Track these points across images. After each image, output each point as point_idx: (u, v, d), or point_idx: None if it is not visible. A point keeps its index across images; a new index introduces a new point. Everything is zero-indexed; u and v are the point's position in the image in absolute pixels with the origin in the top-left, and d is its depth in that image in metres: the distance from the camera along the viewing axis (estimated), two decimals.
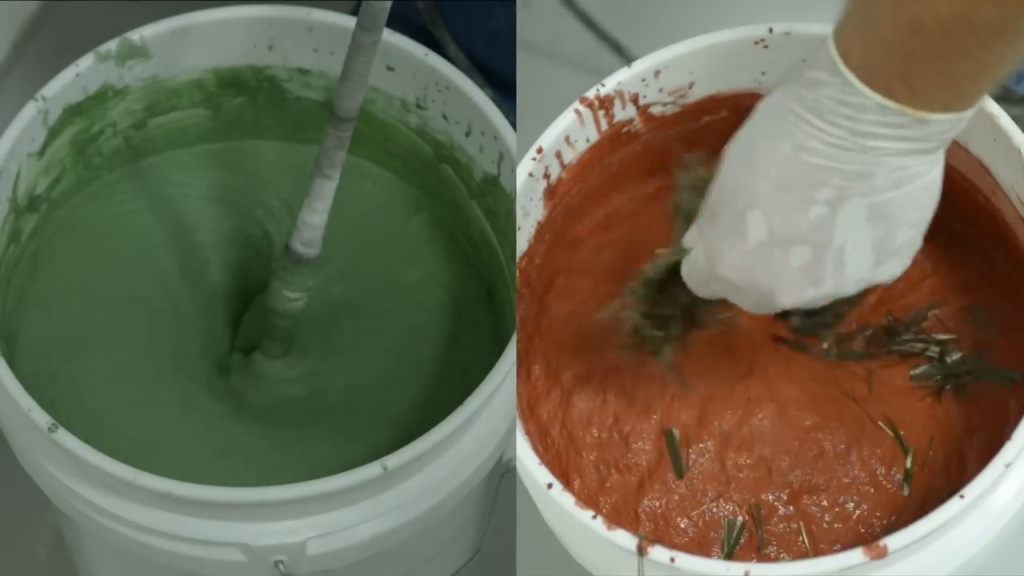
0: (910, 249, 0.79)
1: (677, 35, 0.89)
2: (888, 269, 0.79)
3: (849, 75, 0.73)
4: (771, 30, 0.88)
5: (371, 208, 1.02)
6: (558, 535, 0.86)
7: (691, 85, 0.90)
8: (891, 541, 0.77)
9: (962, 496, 0.77)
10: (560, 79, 1.23)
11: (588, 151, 0.91)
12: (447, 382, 0.96)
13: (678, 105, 0.91)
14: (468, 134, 0.97)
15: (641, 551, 0.78)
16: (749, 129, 0.78)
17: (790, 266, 0.78)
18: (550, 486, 0.80)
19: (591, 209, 0.94)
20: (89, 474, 0.87)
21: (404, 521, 0.88)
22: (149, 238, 1.00)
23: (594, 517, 0.79)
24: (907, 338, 0.90)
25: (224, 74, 1.00)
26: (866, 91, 0.73)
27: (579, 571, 0.86)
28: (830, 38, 0.74)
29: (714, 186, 0.79)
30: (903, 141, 0.74)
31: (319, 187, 0.88)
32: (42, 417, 0.85)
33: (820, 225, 0.76)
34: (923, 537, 0.77)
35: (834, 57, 0.73)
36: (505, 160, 0.95)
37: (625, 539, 0.79)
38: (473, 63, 1.16)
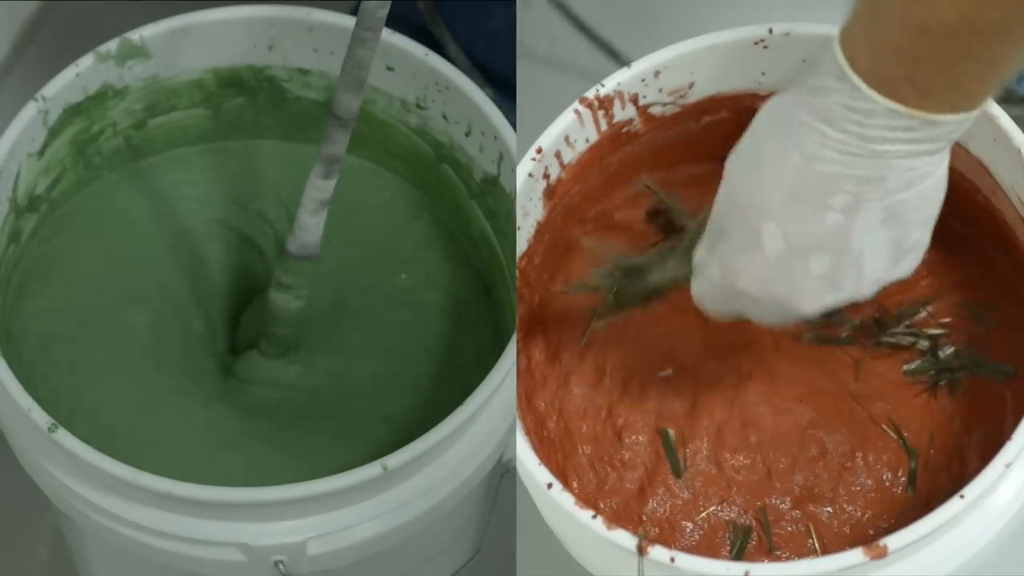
0: (922, 245, 0.79)
1: (677, 36, 0.89)
2: (903, 267, 0.79)
3: (857, 80, 0.73)
4: (771, 30, 0.88)
5: (371, 208, 1.02)
6: (558, 535, 0.86)
7: (691, 85, 0.90)
8: (891, 541, 0.77)
9: (962, 496, 0.77)
10: (560, 78, 1.23)
11: (588, 151, 0.91)
12: (447, 382, 0.96)
13: (678, 105, 0.91)
14: (468, 134, 0.97)
15: (641, 551, 0.78)
16: (753, 139, 0.78)
17: (810, 275, 0.77)
18: (550, 486, 0.80)
19: (591, 209, 0.94)
20: (89, 474, 0.87)
21: (404, 521, 0.88)
22: (149, 238, 1.00)
23: (594, 517, 0.79)
24: (896, 331, 0.90)
25: (224, 74, 1.00)
26: (875, 96, 0.72)
27: (579, 571, 0.86)
28: (836, 43, 0.74)
29: (720, 200, 0.79)
30: (913, 143, 0.74)
31: (318, 187, 0.88)
32: (42, 417, 0.85)
33: (837, 232, 0.76)
34: (923, 537, 0.77)
35: (841, 62, 0.73)
36: (505, 160, 0.95)
37: (625, 539, 0.79)
38: (473, 63, 1.16)
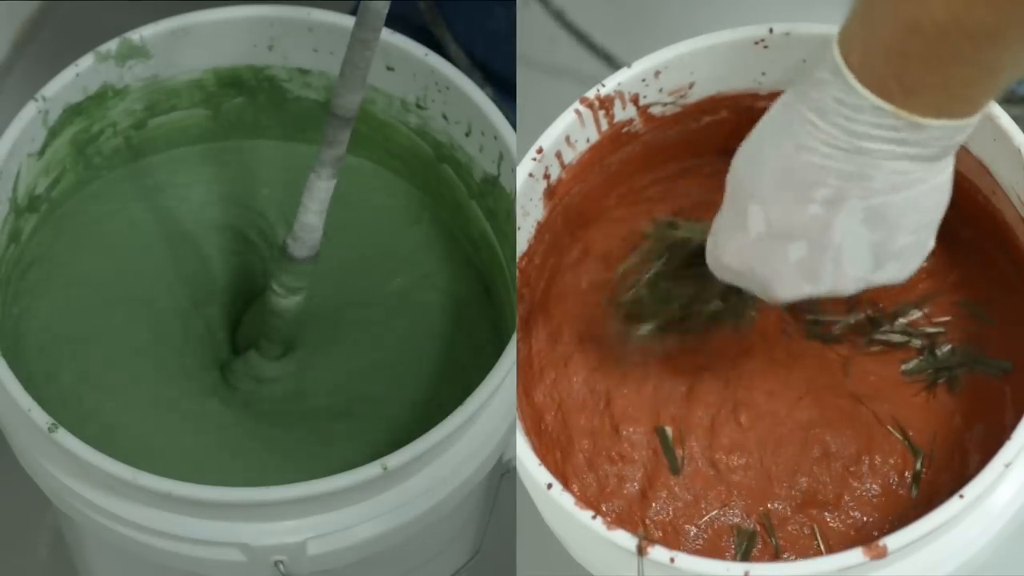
0: (913, 252, 0.79)
1: (677, 36, 0.89)
2: (888, 272, 0.80)
3: (848, 75, 0.73)
4: (771, 30, 0.88)
5: (371, 208, 1.02)
6: (558, 535, 0.86)
7: (691, 85, 0.90)
8: (891, 541, 0.77)
9: (962, 496, 0.77)
10: (560, 78, 1.23)
11: (588, 151, 0.91)
12: (447, 382, 0.96)
13: (678, 105, 0.91)
14: (468, 134, 0.97)
15: (641, 551, 0.78)
16: (762, 124, 0.79)
17: (788, 260, 0.79)
18: (550, 486, 0.80)
19: (591, 209, 0.94)
20: (89, 474, 0.87)
21: (404, 521, 0.88)
22: (149, 238, 1.00)
23: (594, 517, 0.79)
24: (889, 329, 0.90)
25: (224, 74, 1.00)
26: (863, 91, 0.73)
27: (579, 571, 0.86)
28: (835, 38, 0.74)
29: (728, 176, 0.80)
30: (899, 145, 0.74)
31: (317, 187, 0.88)
32: (42, 417, 0.85)
33: (816, 223, 0.77)
34: (923, 537, 0.77)
35: (836, 58, 0.74)
36: (505, 160, 0.95)
37: (625, 539, 0.79)
38: (473, 63, 1.16)
